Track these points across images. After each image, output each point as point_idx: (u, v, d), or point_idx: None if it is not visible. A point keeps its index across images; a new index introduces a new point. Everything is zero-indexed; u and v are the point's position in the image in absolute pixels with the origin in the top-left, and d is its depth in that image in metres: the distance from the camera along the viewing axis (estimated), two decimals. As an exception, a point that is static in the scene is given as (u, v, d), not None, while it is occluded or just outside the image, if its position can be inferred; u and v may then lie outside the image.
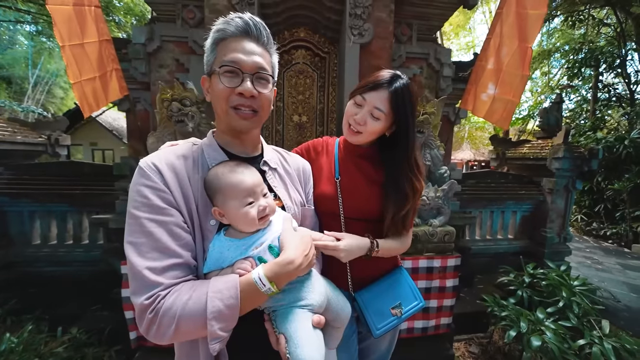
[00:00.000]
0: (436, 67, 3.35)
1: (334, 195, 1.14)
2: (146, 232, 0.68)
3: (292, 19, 3.13)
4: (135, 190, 0.72)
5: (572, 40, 10.14)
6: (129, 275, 0.69)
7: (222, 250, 0.75)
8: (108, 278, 2.58)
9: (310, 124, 3.36)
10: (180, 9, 2.99)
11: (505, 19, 2.69)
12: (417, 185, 1.11)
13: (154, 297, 0.65)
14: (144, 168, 0.74)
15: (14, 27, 12.51)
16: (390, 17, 2.94)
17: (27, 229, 3.16)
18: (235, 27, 0.77)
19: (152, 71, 3.06)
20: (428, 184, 2.68)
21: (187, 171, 0.78)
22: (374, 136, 1.11)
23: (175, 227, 0.72)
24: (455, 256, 2.54)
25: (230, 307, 0.66)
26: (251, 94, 0.77)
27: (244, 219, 0.76)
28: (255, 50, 0.78)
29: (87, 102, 2.42)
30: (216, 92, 0.78)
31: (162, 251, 0.69)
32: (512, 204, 4.06)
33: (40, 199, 3.08)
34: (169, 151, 0.81)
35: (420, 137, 2.58)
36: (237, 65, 0.75)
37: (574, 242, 6.53)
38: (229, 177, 0.76)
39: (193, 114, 2.38)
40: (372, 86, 1.05)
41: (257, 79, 0.78)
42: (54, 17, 2.17)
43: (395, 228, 1.13)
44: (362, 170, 1.18)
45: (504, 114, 2.76)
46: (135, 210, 0.70)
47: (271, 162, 0.94)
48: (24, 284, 3.04)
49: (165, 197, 0.72)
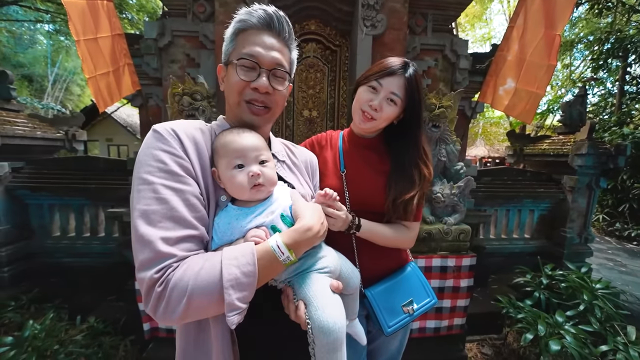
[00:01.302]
0: (452, 59, 3.25)
1: (340, 188, 1.13)
2: (161, 198, 0.62)
3: (303, 12, 3.09)
4: (149, 154, 0.66)
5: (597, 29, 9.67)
6: (135, 248, 0.61)
7: (230, 221, 0.71)
8: (122, 270, 2.65)
9: (320, 118, 3.33)
10: (191, 3, 2.99)
11: (529, 6, 2.57)
12: (426, 171, 1.10)
13: (164, 268, 0.59)
14: (162, 132, 0.68)
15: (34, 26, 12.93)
16: (405, 7, 2.86)
17: (47, 222, 3.28)
18: (258, 19, 0.74)
19: (164, 66, 3.09)
20: (443, 180, 2.61)
21: (206, 144, 0.75)
22: (386, 122, 1.10)
23: (192, 197, 0.67)
24: (470, 255, 2.48)
25: (248, 274, 0.61)
26: (266, 90, 0.75)
27: (231, 183, 0.72)
28: (275, 46, 0.76)
29: (102, 97, 2.46)
30: (231, 82, 0.77)
31: (178, 221, 0.63)
32: (529, 202, 3.92)
33: (58, 192, 3.18)
34: (186, 122, 0.77)
35: (436, 132, 2.52)
36: (255, 59, 0.74)
37: (595, 242, 6.30)
38: (225, 135, 0.75)
39: (204, 108, 2.40)
40: (388, 72, 1.05)
41: (274, 76, 0.77)
42: (68, 12, 2.21)
43: (396, 214, 1.10)
44: (368, 161, 1.17)
45: (527, 107, 2.65)
46: (148, 175, 0.64)
47: (279, 155, 0.92)
48: (45, 273, 3.17)
49: (184, 164, 0.68)
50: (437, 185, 2.58)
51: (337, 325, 0.67)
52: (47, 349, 2.06)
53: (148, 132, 0.70)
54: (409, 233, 1.16)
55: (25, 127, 3.37)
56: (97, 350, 2.27)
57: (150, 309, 0.60)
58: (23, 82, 13.42)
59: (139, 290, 2.20)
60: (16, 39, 12.87)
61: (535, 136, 4.74)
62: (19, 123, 3.32)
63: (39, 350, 2.01)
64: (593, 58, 9.00)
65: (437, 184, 2.58)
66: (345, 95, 3.27)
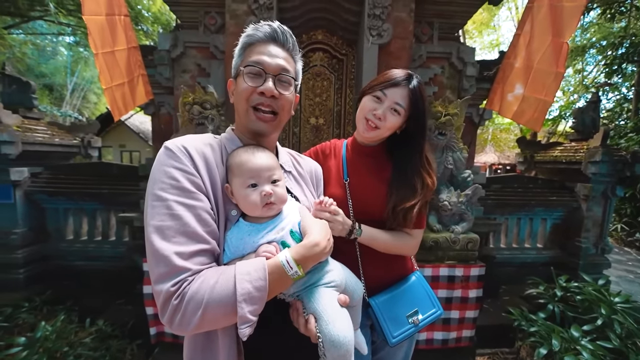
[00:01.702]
0: (459, 67, 3.26)
1: (344, 197, 1.15)
2: (174, 215, 0.65)
3: (310, 22, 3.16)
4: (162, 171, 0.69)
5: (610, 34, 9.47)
6: (151, 261, 0.65)
7: (242, 236, 0.74)
8: (131, 274, 2.71)
9: (326, 126, 3.37)
10: (203, 15, 3.11)
11: (536, 14, 2.57)
12: (429, 180, 1.11)
13: (180, 282, 0.62)
14: (174, 150, 0.72)
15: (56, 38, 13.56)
16: (411, 16, 2.90)
17: (61, 225, 3.39)
18: (263, 33, 0.80)
19: (176, 76, 3.20)
20: (450, 188, 2.60)
21: (216, 160, 0.78)
22: (390, 132, 1.12)
23: (204, 212, 0.70)
24: (479, 265, 2.44)
25: (260, 289, 0.64)
26: (272, 94, 0.78)
27: (244, 202, 0.75)
28: (280, 54, 0.80)
29: (117, 106, 2.57)
30: (239, 91, 0.80)
31: (190, 236, 0.66)
32: (541, 210, 3.83)
33: (73, 197, 3.30)
34: (196, 138, 0.80)
35: (442, 139, 2.52)
36: (261, 65, 0.77)
37: (613, 253, 6.06)
38: (239, 154, 0.78)
39: (213, 116, 2.46)
40: (393, 82, 1.07)
41: (279, 81, 0.80)
42: (89, 27, 2.33)
43: (395, 221, 1.11)
44: (371, 169, 1.18)
45: (535, 114, 2.62)
46: (162, 192, 0.67)
47: (286, 165, 0.95)
48: (58, 276, 3.26)
49: (195, 180, 0.71)
50: (444, 193, 2.56)
51: (347, 339, 0.71)
52: (57, 351, 2.11)
53: (160, 149, 0.73)
54: (411, 240, 1.16)
55: (44, 134, 3.52)
56: (104, 353, 2.32)
57: (166, 320, 0.63)
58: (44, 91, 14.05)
59: (147, 294, 2.25)
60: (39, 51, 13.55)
61: (547, 143, 4.65)
62: (39, 130, 3.47)
63: (50, 352, 2.07)
64: (606, 63, 8.80)
65: (444, 192, 2.56)
66: (351, 103, 3.31)
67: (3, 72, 3.46)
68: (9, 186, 3.08)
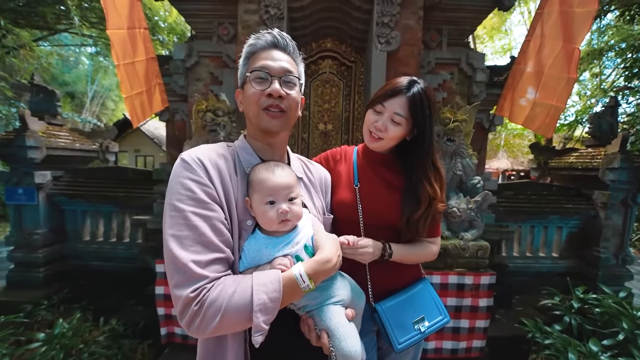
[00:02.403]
0: (468, 72, 3.26)
1: (353, 202, 1.15)
2: (191, 225, 0.70)
3: (320, 31, 3.25)
4: (179, 183, 0.74)
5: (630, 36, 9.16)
6: (169, 268, 0.69)
7: (259, 248, 0.79)
8: (144, 275, 2.80)
9: (335, 132, 3.42)
10: (216, 26, 3.24)
11: (546, 20, 2.56)
12: (430, 190, 1.10)
13: (199, 289, 0.67)
14: (189, 162, 0.76)
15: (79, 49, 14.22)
16: (419, 23, 2.94)
17: (79, 226, 3.55)
18: (265, 41, 0.85)
19: (190, 84, 3.33)
20: (459, 194, 2.58)
21: (229, 171, 0.82)
22: (394, 142, 1.13)
23: (218, 222, 0.74)
24: (489, 273, 2.40)
25: (274, 300, 0.69)
26: (279, 94, 0.82)
27: (262, 217, 0.80)
28: (283, 58, 0.85)
29: (135, 114, 2.69)
30: (248, 97, 0.85)
31: (206, 245, 0.70)
32: (556, 218, 3.73)
33: (91, 199, 3.45)
34: (210, 149, 0.85)
35: (451, 146, 2.52)
36: (266, 69, 0.82)
37: (636, 264, 5.82)
38: (261, 172, 0.83)
39: (225, 123, 2.54)
40: (391, 93, 1.08)
41: (285, 82, 0.84)
42: (112, 40, 2.47)
43: (411, 233, 1.13)
44: (382, 176, 1.19)
45: (546, 120, 2.59)
46: (179, 203, 0.72)
47: (297, 172, 0.97)
48: (75, 275, 3.41)
49: (209, 192, 0.75)
50: (453, 199, 2.55)
51: (357, 352, 0.78)
52: (73, 348, 2.20)
53: (177, 161, 0.79)
54: (433, 247, 1.20)
55: (66, 139, 3.70)
56: (116, 352, 2.39)
57: (185, 323, 0.68)
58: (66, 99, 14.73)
59: (159, 295, 2.32)
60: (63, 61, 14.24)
61: (562, 149, 4.55)
62: (62, 136, 3.66)
63: (66, 348, 2.16)
64: (626, 66, 8.52)
65: (453, 198, 2.55)
66: (359, 109, 3.35)
67: (32, 82, 3.67)
68: (33, 189, 3.25)
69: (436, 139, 2.54)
